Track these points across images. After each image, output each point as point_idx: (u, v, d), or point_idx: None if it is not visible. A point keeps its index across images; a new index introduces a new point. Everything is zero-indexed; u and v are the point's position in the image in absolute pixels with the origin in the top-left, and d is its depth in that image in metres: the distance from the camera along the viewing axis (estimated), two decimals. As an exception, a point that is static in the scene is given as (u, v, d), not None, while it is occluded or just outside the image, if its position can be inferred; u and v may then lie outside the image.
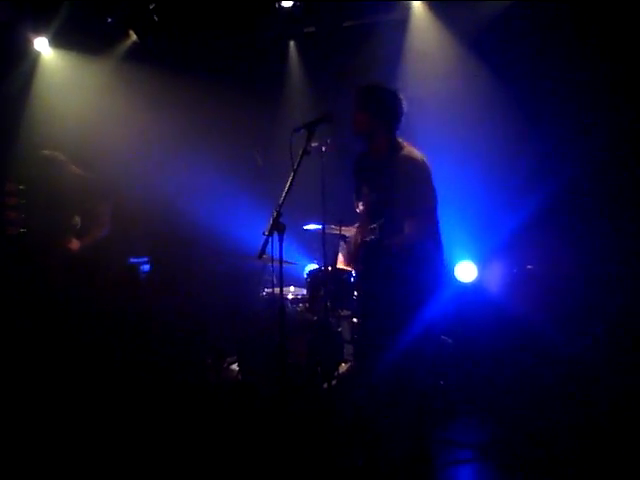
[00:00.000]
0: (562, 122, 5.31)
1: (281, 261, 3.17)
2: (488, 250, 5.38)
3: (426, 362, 3.63)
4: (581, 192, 5.21)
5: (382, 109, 3.54)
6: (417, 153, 3.54)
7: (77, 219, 4.99)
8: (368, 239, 3.51)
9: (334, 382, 4.67)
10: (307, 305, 5.20)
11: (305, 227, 5.41)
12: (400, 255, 3.45)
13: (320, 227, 5.03)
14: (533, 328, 5.10)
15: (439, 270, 3.63)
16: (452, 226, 5.16)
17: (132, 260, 6.01)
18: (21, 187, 5.23)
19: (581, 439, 4.04)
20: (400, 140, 3.59)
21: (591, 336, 4.90)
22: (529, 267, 5.37)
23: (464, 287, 5.43)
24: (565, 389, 4.70)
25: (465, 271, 5.45)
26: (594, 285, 5.07)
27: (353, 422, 3.92)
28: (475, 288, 5.44)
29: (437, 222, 3.62)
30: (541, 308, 5.09)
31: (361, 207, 3.72)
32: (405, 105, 3.59)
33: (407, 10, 5.96)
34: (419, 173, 3.48)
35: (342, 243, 4.08)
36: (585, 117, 5.20)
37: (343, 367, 4.94)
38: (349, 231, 4.38)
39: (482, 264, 5.46)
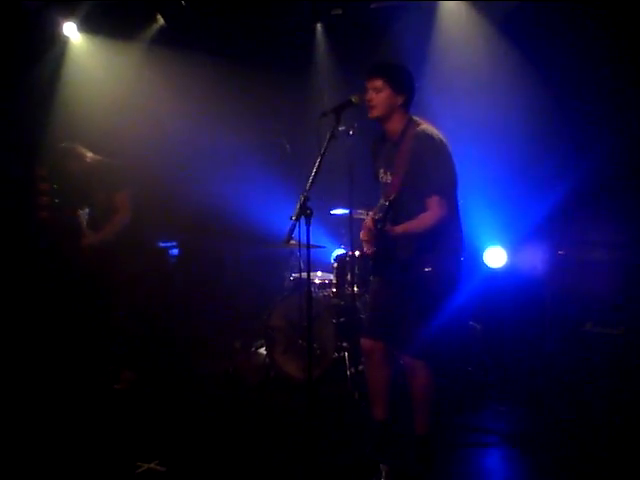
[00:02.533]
0: (595, 104, 5.18)
1: (308, 246, 3.15)
2: (518, 235, 5.30)
3: (454, 348, 3.55)
4: (615, 175, 5.08)
5: (404, 85, 3.43)
6: (434, 130, 3.40)
7: (83, 212, 4.94)
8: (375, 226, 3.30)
9: (361, 367, 4.66)
10: (334, 290, 5.19)
11: (332, 212, 5.39)
12: (418, 239, 3.33)
13: (347, 212, 5.02)
14: (563, 314, 5.02)
15: (460, 256, 3.51)
16: (481, 211, 5.11)
17: (161, 244, 6.05)
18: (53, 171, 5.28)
19: (614, 431, 3.92)
20: (416, 117, 3.46)
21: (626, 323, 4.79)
22: (560, 252, 5.27)
23: (493, 273, 5.37)
24: (598, 377, 4.61)
25: (494, 257, 5.38)
26: (628, 271, 4.96)
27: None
28: (504, 274, 5.37)
29: (458, 204, 3.48)
30: (573, 294, 5.01)
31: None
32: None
33: (435, -10, 5.86)
34: (438, 149, 3.33)
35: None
36: (619, 99, 5.07)
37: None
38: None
39: (512, 249, 5.38)
